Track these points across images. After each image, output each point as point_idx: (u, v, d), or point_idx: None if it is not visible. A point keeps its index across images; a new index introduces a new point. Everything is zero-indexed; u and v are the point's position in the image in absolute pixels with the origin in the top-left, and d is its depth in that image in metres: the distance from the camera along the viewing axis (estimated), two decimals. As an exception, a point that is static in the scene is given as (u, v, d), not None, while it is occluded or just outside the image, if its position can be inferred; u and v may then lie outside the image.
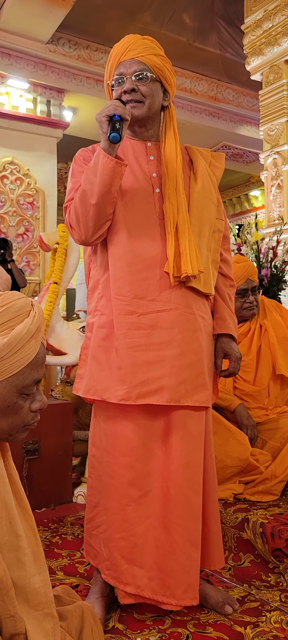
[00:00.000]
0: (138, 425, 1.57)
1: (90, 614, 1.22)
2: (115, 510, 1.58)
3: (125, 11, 5.11)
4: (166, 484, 1.56)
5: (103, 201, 1.53)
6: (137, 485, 1.56)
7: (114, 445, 1.60)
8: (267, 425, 2.44)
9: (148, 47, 1.67)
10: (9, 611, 0.98)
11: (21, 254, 5.36)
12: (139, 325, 1.57)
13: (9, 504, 1.04)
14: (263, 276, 3.37)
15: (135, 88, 1.63)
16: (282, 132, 4.35)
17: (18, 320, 1.03)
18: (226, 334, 1.74)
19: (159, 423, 1.59)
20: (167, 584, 1.54)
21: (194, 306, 1.64)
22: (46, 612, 1.05)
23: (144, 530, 1.56)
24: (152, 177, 1.67)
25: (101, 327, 1.63)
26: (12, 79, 5.30)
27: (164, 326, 1.58)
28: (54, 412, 2.76)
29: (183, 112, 6.29)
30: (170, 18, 5.38)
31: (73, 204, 1.59)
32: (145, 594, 1.54)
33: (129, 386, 1.54)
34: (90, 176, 1.54)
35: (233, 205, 10.08)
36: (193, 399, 1.59)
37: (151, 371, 1.55)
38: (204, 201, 1.70)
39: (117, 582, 1.57)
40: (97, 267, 1.69)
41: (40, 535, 2.30)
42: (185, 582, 1.54)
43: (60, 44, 5.41)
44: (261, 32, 4.41)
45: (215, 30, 5.64)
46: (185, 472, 1.57)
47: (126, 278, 1.58)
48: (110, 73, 1.70)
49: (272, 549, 1.93)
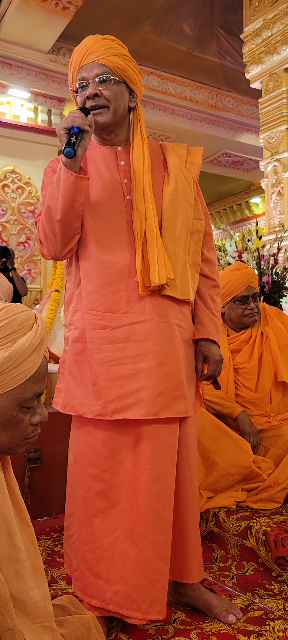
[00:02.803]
0: (108, 436, 1.54)
1: (94, 625, 1.21)
2: (82, 521, 1.55)
3: (126, 21, 5.15)
4: (135, 497, 1.53)
5: (67, 216, 1.49)
6: (105, 497, 1.54)
7: (83, 455, 1.58)
8: (269, 432, 2.43)
9: (109, 47, 1.57)
10: (7, 624, 0.97)
11: (22, 262, 5.37)
12: (112, 340, 1.53)
13: (8, 515, 1.03)
14: (264, 283, 3.38)
15: (98, 93, 1.54)
16: (282, 139, 4.37)
17: (21, 333, 1.01)
18: (204, 338, 1.69)
19: (130, 434, 1.55)
20: (133, 598, 1.50)
21: (171, 315, 1.58)
22: (45, 626, 1.04)
23: (110, 544, 1.52)
24: (122, 184, 1.60)
25: (75, 342, 1.60)
26: (13, 88, 5.34)
27: (138, 338, 1.53)
28: (55, 420, 2.74)
29: (183, 120, 6.33)
30: (170, 27, 5.42)
31: (41, 221, 1.55)
32: (110, 608, 1.51)
33: (105, 401, 1.51)
34: (54, 191, 1.49)
35: (234, 213, 10.10)
36: (172, 410, 1.54)
37: (126, 385, 1.52)
38: (178, 202, 1.61)
39: (83, 594, 1.54)
40: (72, 281, 1.65)
41: (42, 544, 2.29)
42: (151, 596, 1.50)
43: (61, 53, 5.45)
44: (260, 41, 4.44)
45: (215, 39, 5.67)
46: (154, 484, 1.52)
47: (98, 292, 1.54)
48: (72, 78, 1.61)
49: (275, 557, 1.92)
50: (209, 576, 1.97)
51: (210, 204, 10.17)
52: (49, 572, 2.01)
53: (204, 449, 2.28)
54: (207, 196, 9.57)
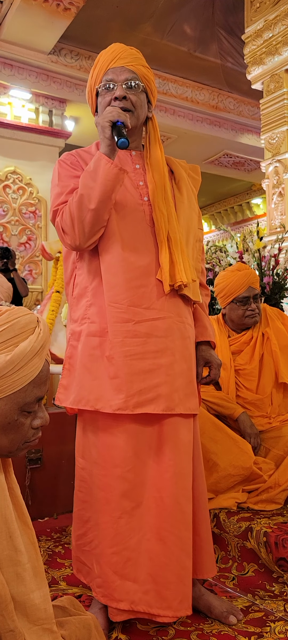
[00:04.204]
0: (130, 435, 1.55)
1: (94, 626, 1.21)
2: (106, 524, 1.54)
3: (127, 22, 5.16)
4: (160, 494, 1.54)
5: (102, 206, 1.52)
6: (130, 496, 1.53)
7: (104, 456, 1.57)
8: (270, 433, 2.43)
9: (137, 57, 1.66)
10: (8, 626, 0.97)
11: (23, 263, 5.38)
12: (135, 333, 1.55)
13: (9, 518, 1.03)
14: (265, 284, 3.38)
15: (126, 96, 1.61)
16: (283, 140, 4.37)
17: (22, 337, 1.01)
18: (205, 341, 1.76)
19: (151, 432, 1.57)
20: (163, 596, 1.51)
21: (183, 314, 1.64)
22: (45, 628, 1.04)
23: (136, 543, 1.53)
24: (139, 186, 1.65)
25: (92, 336, 1.60)
26: (14, 89, 5.35)
27: (159, 334, 1.57)
28: (56, 420, 2.75)
29: (184, 121, 6.34)
30: (171, 28, 5.43)
31: (67, 208, 1.56)
32: (139, 609, 1.51)
33: (127, 395, 1.52)
34: (89, 181, 1.52)
35: (235, 214, 10.09)
36: (186, 406, 1.58)
37: (148, 380, 1.54)
38: (189, 211, 1.70)
39: (109, 600, 1.53)
40: (84, 274, 1.66)
41: (43, 545, 2.29)
42: (181, 593, 1.52)
43: (62, 54, 5.46)
44: (261, 42, 4.44)
45: (216, 40, 5.68)
46: (178, 480, 1.55)
47: (121, 285, 1.56)
48: (96, 78, 1.66)
49: (276, 559, 1.92)
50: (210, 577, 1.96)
51: (211, 204, 10.17)
52: (50, 573, 2.01)
53: (205, 450, 2.27)
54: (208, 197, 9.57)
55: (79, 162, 1.67)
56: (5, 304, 1.08)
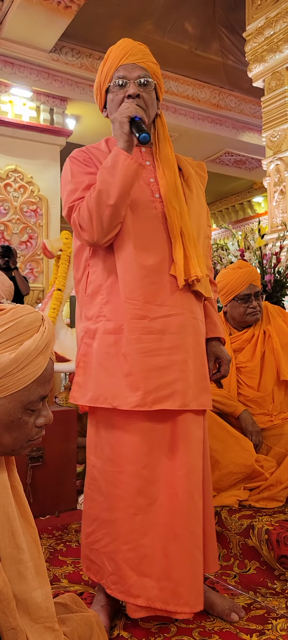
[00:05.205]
0: (144, 432, 1.55)
1: (96, 623, 1.21)
2: (121, 521, 1.54)
3: (128, 20, 5.15)
4: (174, 490, 1.54)
5: (121, 202, 1.52)
6: (145, 493, 1.54)
7: (119, 454, 1.57)
8: (272, 431, 2.43)
9: (146, 53, 1.66)
10: (10, 623, 0.97)
11: (25, 262, 5.38)
12: (150, 330, 1.55)
13: (11, 516, 1.03)
14: (266, 282, 3.37)
15: (139, 94, 1.61)
16: (285, 138, 4.36)
17: (27, 335, 1.00)
18: (215, 337, 1.77)
19: (164, 429, 1.58)
20: (179, 593, 1.51)
21: (195, 310, 1.66)
22: (47, 626, 1.04)
23: (151, 540, 1.53)
24: (150, 183, 1.65)
25: (108, 334, 1.59)
26: (15, 87, 5.34)
27: (172, 331, 1.58)
28: (58, 419, 2.75)
29: (185, 119, 6.32)
30: (172, 26, 5.41)
31: (85, 204, 1.55)
32: (156, 605, 1.51)
33: (144, 392, 1.52)
34: (107, 176, 1.52)
35: (236, 212, 10.08)
36: (199, 402, 1.60)
37: (163, 376, 1.55)
38: (198, 208, 1.71)
39: (126, 595, 1.53)
40: (98, 272, 1.65)
41: (44, 542, 2.29)
42: (195, 588, 1.53)
43: (63, 52, 5.45)
44: (263, 39, 4.42)
45: (217, 38, 5.67)
46: (191, 476, 1.56)
47: (137, 282, 1.56)
48: (107, 75, 1.65)
49: (277, 556, 1.92)
50: (211, 575, 1.97)
51: (212, 203, 10.16)
52: (51, 571, 2.01)
53: (206, 448, 2.28)
54: (210, 195, 9.56)
55: (91, 159, 1.66)
56: (7, 302, 1.08)
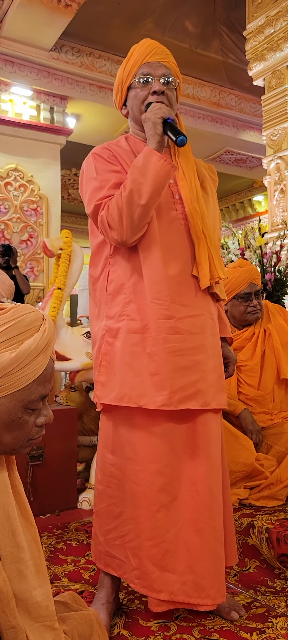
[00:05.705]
0: (166, 432, 1.57)
1: (96, 621, 1.21)
2: (144, 518, 1.56)
3: (128, 18, 5.14)
4: (195, 487, 1.57)
5: (152, 202, 1.52)
6: (167, 490, 1.56)
7: (141, 452, 1.58)
8: (272, 430, 2.43)
9: (169, 54, 1.68)
10: (9, 622, 0.97)
11: (25, 260, 5.38)
12: (176, 330, 1.57)
13: (11, 515, 1.03)
14: (267, 281, 3.37)
15: (164, 92, 1.61)
16: (285, 137, 4.36)
17: (27, 334, 1.00)
18: (223, 338, 1.80)
19: (185, 428, 1.60)
20: (201, 586, 1.54)
21: (212, 311, 1.69)
22: (47, 625, 1.04)
23: (174, 535, 1.56)
24: (170, 184, 1.64)
25: (133, 333, 1.59)
26: (15, 86, 5.34)
27: (195, 331, 1.60)
28: (58, 418, 2.75)
29: (186, 118, 6.32)
30: (173, 25, 5.41)
31: (114, 203, 1.54)
32: (179, 599, 1.54)
33: (170, 392, 1.53)
34: (138, 176, 1.51)
35: (237, 211, 10.08)
36: (218, 401, 1.63)
37: (188, 376, 1.56)
38: (213, 211, 1.72)
39: (149, 590, 1.55)
40: (120, 271, 1.63)
41: (44, 541, 2.30)
42: (217, 581, 1.56)
43: (63, 51, 5.45)
44: (263, 38, 4.42)
45: (218, 37, 5.66)
46: (211, 473, 1.59)
47: (163, 282, 1.57)
48: (130, 72, 1.65)
49: (277, 555, 1.92)
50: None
51: (212, 201, 10.14)
52: (51, 570, 2.01)
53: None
54: (210, 194, 9.53)
55: (115, 156, 1.65)
56: (7, 301, 1.07)
